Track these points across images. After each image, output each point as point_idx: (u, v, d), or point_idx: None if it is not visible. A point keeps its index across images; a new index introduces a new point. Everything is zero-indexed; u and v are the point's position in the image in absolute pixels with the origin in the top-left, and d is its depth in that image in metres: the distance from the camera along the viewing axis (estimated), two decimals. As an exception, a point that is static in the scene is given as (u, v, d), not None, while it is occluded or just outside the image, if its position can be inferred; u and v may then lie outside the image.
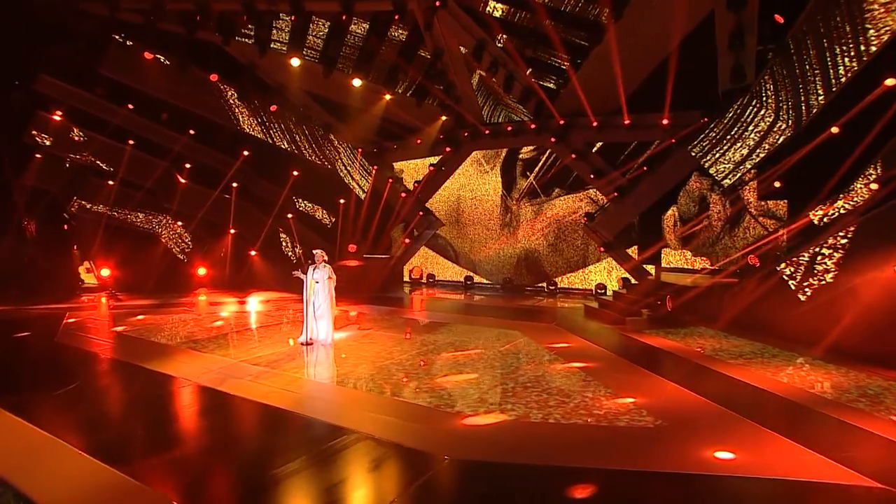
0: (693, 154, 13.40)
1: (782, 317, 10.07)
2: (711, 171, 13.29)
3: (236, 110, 18.03)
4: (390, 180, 18.25)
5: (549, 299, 16.44)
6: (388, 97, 16.17)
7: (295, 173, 18.64)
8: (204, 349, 9.18)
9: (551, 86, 15.03)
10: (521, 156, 18.41)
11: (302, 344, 9.47)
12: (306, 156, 19.34)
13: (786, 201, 12.90)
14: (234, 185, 18.45)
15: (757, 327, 10.22)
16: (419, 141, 17.46)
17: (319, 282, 9.70)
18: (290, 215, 18.98)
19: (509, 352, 9.39)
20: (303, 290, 9.73)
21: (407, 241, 17.80)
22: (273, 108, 17.96)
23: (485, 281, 18.85)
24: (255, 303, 14.81)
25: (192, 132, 17.76)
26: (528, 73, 14.60)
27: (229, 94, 17.61)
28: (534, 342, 10.11)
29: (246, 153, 18.15)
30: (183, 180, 18.24)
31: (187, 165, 18.26)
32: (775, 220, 13.14)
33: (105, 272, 17.89)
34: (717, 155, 13.06)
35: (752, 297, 10.88)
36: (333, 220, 20.32)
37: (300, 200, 20.14)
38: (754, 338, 10.03)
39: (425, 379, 7.62)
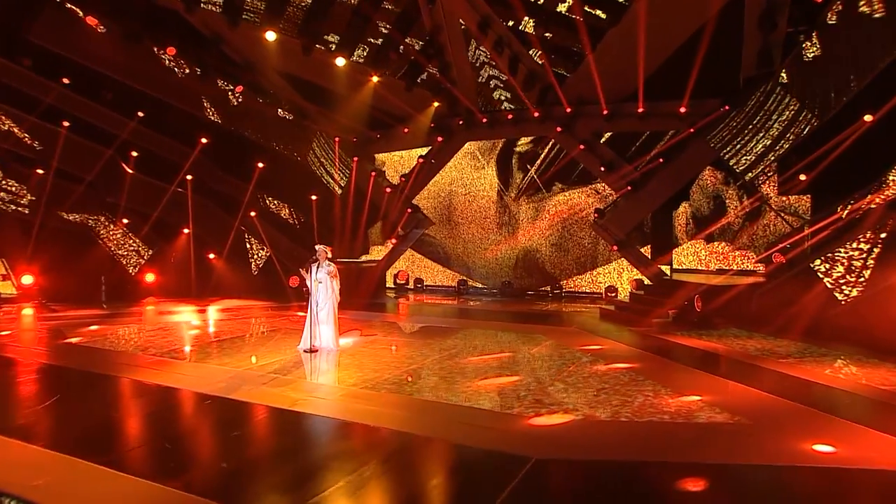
0: (712, 145, 13.95)
1: (820, 316, 10.56)
2: (732, 163, 13.86)
3: (195, 91, 17.54)
4: (373, 174, 18.13)
5: (555, 304, 16.65)
6: (375, 79, 16.10)
7: (260, 165, 18.26)
8: (194, 359, 8.87)
9: (560, 70, 15.36)
10: (516, 149, 18.67)
11: (305, 351, 9.24)
12: (274, 146, 19.00)
13: (809, 196, 13.61)
14: (189, 177, 17.87)
15: (793, 327, 10.66)
16: (406, 130, 17.45)
17: (322, 281, 9.53)
18: (252, 213, 18.53)
19: (542, 354, 9.58)
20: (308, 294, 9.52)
21: (393, 241, 17.69)
22: (239, 88, 17.58)
23: (480, 285, 18.93)
24: (216, 311, 14.36)
25: (140, 115, 17.12)
26: (535, 54, 14.89)
27: (188, 71, 17.12)
28: (563, 345, 10.32)
29: (204, 141, 17.63)
30: (130, 170, 17.55)
31: (134, 154, 17.58)
32: (798, 217, 13.84)
33: (27, 279, 16.84)
34: (739, 146, 13.64)
35: (784, 297, 11.38)
36: (303, 219, 20.02)
37: (265, 197, 19.75)
38: (792, 338, 10.46)
39: (464, 382, 7.65)
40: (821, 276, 11.13)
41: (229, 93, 17.89)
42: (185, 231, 18.40)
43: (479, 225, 18.91)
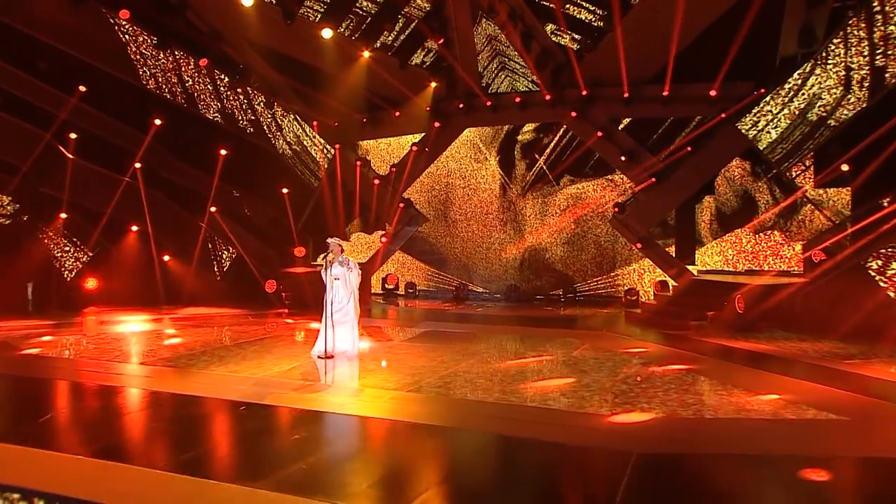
0: (744, 132, 14.62)
1: (876, 316, 11.17)
2: (766, 152, 14.56)
3: (149, 63, 17.32)
4: (358, 163, 18.23)
5: (570, 308, 17.07)
6: (366, 55, 16.26)
7: (223, 152, 18.13)
8: (193, 367, 8.89)
9: (574, 48, 15.82)
10: (518, 137, 19.09)
11: (319, 357, 9.30)
12: (238, 130, 18.86)
13: (849, 188, 14.40)
14: (138, 165, 17.56)
15: (844, 329, 11.24)
16: (398, 114, 17.65)
17: (339, 278, 9.63)
18: (213, 209, 18.36)
19: (586, 357, 9.96)
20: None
21: (382, 240, 17.81)
22: (203, 62, 17.45)
23: (481, 289, 19.21)
24: (182, 321, 14.19)
25: (82, 90, 16.73)
26: (550, 29, 15.33)
27: (142, 39, 16.89)
28: (602, 348, 10.79)
29: (158, 122, 17.37)
30: (70, 156, 17.14)
31: (73, 136, 17.17)
32: (839, 211, 14.63)
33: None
34: (774, 133, 14.34)
35: (832, 297, 12.01)
36: (272, 215, 19.95)
37: (229, 190, 19.59)
38: (846, 339, 11.06)
39: (517, 385, 7.94)
40: (873, 273, 11.81)
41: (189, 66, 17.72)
42: (134, 229, 18.08)
43: (480, 222, 19.24)
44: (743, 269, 16.25)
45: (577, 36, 15.67)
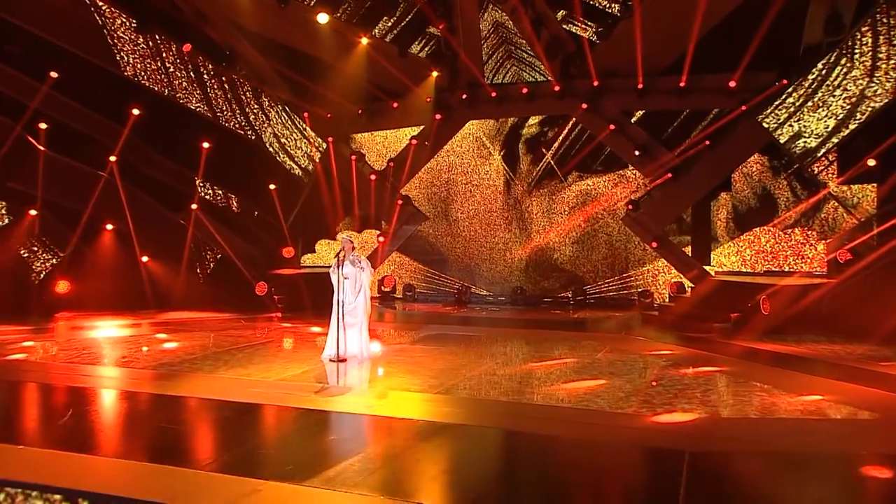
0: (765, 126, 14.97)
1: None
2: (788, 146, 14.91)
3: (128, 48, 17.26)
4: (353, 158, 18.33)
5: (580, 311, 17.30)
6: (364, 41, 16.39)
7: (206, 145, 18.13)
8: (198, 371, 9.05)
9: (588, 36, 16.08)
10: (524, 131, 19.31)
11: (331, 360, 9.40)
12: (222, 121, 18.88)
13: (875, 185, 14.79)
14: (113, 159, 17.47)
15: (878, 331, 11.53)
16: (396, 105, 17.77)
17: (349, 277, 9.75)
18: (194, 206, 18.35)
19: (611, 360, 10.28)
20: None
21: (380, 240, 17.92)
22: (186, 47, 17.44)
23: (484, 292, 19.36)
24: (171, 326, 14.22)
25: (54, 76, 16.64)
26: (560, 15, 15.57)
27: (120, 22, 16.85)
28: (625, 350, 11.17)
29: (136, 112, 17.29)
30: (41, 148, 17.06)
31: (43, 126, 17.07)
32: (863, 209, 15.02)
33: None
34: (796, 126, 14.70)
35: (863, 298, 12.34)
36: (256, 213, 19.97)
37: (208, 185, 19.58)
38: (879, 342, 11.38)
39: (546, 387, 8.20)
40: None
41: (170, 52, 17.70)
42: (110, 227, 18.01)
43: (484, 220, 19.39)
44: (762, 270, 16.57)
45: (589, 23, 15.93)
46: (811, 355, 10.35)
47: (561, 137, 18.72)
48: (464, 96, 17.40)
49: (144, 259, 17.90)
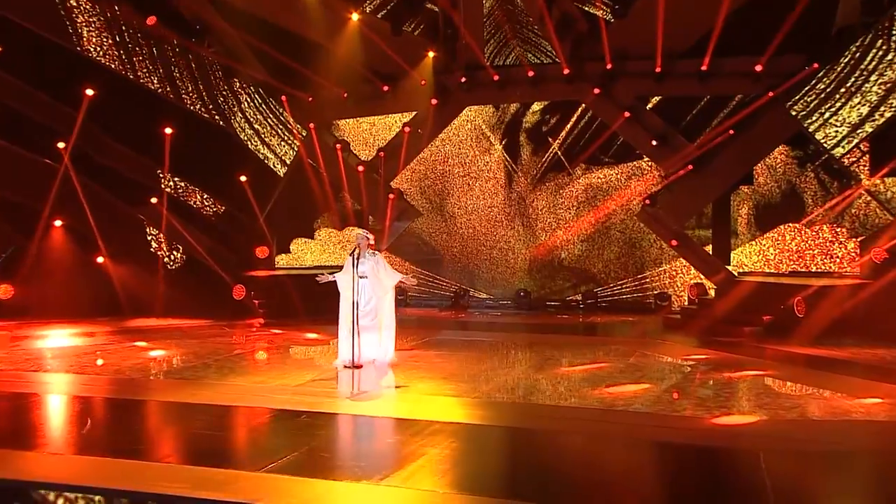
0: (793, 113, 15.59)
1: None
2: (818, 136, 15.56)
3: (83, 21, 17.21)
4: (338, 147, 18.57)
5: (592, 315, 17.85)
6: (354, 17, 16.68)
7: (168, 131, 18.11)
8: (206, 378, 9.36)
9: (602, 14, 16.60)
10: (528, 118, 19.76)
11: (346, 367, 9.69)
12: (187, 105, 18.90)
13: (909, 177, 15.53)
14: (62, 145, 17.37)
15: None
16: (387, 88, 18.04)
17: (367, 276, 10.03)
18: (154, 200, 18.37)
19: (646, 364, 10.84)
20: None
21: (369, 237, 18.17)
22: (151, 20, 17.46)
23: (484, 295, 19.77)
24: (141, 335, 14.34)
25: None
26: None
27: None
28: (658, 354, 11.83)
29: (90, 93, 17.19)
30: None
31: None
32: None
33: None
34: (827, 115, 15.34)
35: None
36: (223, 209, 19.99)
37: (170, 177, 19.58)
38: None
39: (590, 391, 8.68)
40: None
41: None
42: (58, 224, 17.93)
43: (483, 216, 19.80)
44: (787, 271, 17.14)
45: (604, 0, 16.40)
46: (857, 359, 10.92)
47: (569, 126, 19.20)
48: (462, 79, 17.66)
49: (100, 260, 17.82)
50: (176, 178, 19.39)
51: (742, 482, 5.54)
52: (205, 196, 20.00)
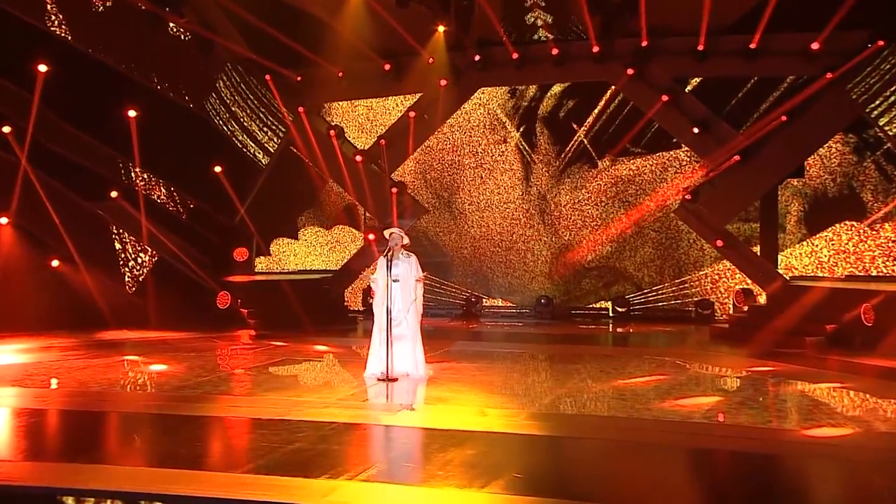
0: (853, 97, 16.18)
1: None
2: (882, 121, 16.19)
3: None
4: (332, 133, 18.88)
5: (624, 325, 18.46)
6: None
7: (132, 114, 18.21)
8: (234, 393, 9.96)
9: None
10: (547, 102, 20.19)
11: (379, 380, 10.12)
12: (153, 84, 18.96)
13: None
14: (7, 130, 17.43)
15: None
16: (389, 66, 18.40)
17: (399, 280, 10.43)
18: (114, 194, 18.51)
19: (707, 376, 11.66)
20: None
21: (370, 237, 18.54)
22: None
23: (500, 302, 20.21)
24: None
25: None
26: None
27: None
28: (716, 366, 12.52)
29: (43, 69, 17.29)
30: None
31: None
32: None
33: None
34: (893, 98, 15.94)
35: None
36: (192, 206, 20.13)
37: (133, 168, 19.72)
38: None
39: (660, 403, 9.25)
40: None
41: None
42: (4, 221, 18.00)
43: (499, 213, 20.27)
44: (842, 275, 17.71)
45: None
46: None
47: (596, 111, 19.67)
48: (476, 58, 18.15)
49: (55, 263, 17.91)
50: (139, 169, 19.45)
51: (862, 493, 6.06)
52: (173, 190, 20.14)
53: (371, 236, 18.67)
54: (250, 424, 7.92)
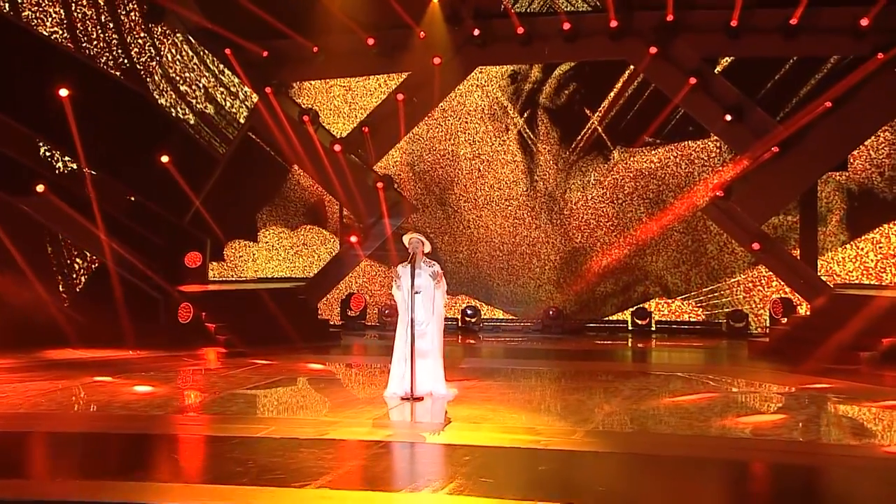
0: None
1: None
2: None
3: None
4: (306, 118, 19.35)
5: (643, 340, 19.47)
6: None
7: (64, 93, 18.50)
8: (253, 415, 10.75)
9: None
10: (554, 85, 21.00)
11: (404, 399, 10.89)
12: (87, 57, 19.12)
13: None
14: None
15: None
16: (373, 41, 18.93)
17: (421, 291, 11.22)
18: (41, 187, 18.87)
19: (760, 393, 12.87)
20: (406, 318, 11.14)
21: (353, 240, 19.15)
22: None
23: (502, 315, 20.96)
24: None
25: None
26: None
27: None
28: (770, 383, 13.61)
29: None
30: None
31: None
32: None
33: None
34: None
35: None
36: (132, 199, 20.29)
37: (62, 156, 19.96)
38: None
39: (719, 421, 10.28)
40: None
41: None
42: None
43: (499, 212, 20.98)
44: (892, 282, 18.67)
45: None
46: None
47: (613, 95, 20.48)
48: (475, 32, 18.75)
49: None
50: (68, 158, 19.64)
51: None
52: (110, 183, 20.36)
53: (353, 238, 19.24)
54: (292, 444, 8.56)
